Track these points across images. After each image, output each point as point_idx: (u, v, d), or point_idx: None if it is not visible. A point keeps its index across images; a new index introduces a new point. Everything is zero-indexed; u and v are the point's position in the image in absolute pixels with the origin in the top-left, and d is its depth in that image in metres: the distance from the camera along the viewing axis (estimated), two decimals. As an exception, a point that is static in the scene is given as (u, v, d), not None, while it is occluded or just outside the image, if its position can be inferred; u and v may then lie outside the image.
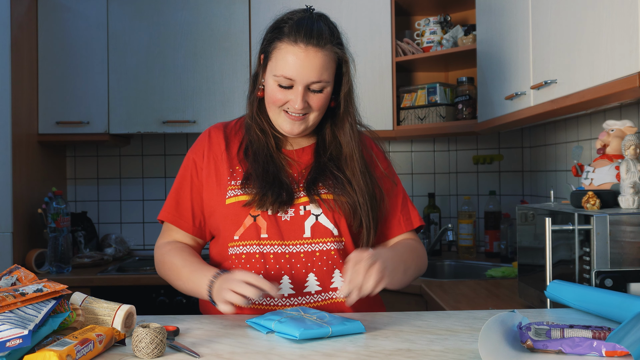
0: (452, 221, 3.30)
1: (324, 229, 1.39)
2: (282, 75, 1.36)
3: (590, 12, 1.56)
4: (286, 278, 1.36)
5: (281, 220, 1.39)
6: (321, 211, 1.40)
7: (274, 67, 1.38)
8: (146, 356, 1.00)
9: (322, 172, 1.43)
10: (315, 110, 1.41)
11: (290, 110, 1.39)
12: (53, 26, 2.98)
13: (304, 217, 1.39)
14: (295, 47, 1.35)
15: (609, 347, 0.97)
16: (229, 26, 3.02)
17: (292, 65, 1.35)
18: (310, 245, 1.38)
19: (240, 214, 1.39)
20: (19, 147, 2.74)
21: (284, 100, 1.39)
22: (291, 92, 1.38)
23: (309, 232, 1.39)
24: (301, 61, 1.35)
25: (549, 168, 2.80)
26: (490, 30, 2.42)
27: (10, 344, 0.90)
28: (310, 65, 1.36)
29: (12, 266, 1.14)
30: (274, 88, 1.39)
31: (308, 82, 1.37)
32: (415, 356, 1.01)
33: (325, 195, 1.41)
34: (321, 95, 1.40)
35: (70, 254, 2.85)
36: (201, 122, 2.99)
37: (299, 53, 1.35)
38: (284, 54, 1.37)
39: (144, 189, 3.38)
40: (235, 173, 1.43)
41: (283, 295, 1.36)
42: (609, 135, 1.69)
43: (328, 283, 1.38)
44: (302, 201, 1.41)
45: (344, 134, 1.46)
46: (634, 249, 1.36)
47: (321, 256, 1.38)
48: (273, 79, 1.39)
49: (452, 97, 3.03)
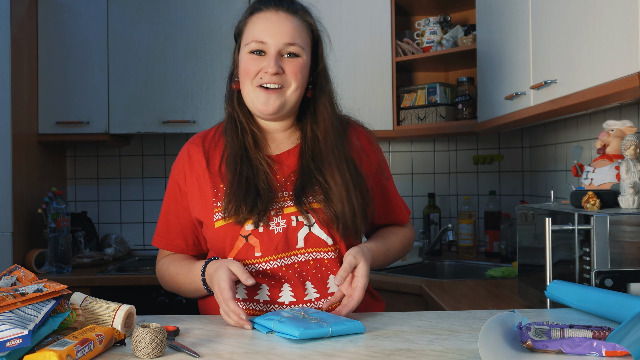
0: (452, 221, 3.30)
1: (317, 239, 1.35)
2: (253, 40, 1.33)
3: (591, 12, 1.56)
4: (287, 286, 1.34)
5: (274, 234, 1.33)
6: (314, 221, 1.35)
7: (246, 39, 1.35)
8: (146, 356, 1.00)
9: (308, 177, 1.37)
10: (291, 79, 1.33)
11: (264, 80, 1.32)
12: (53, 26, 2.98)
13: (297, 229, 1.35)
14: (265, 12, 1.34)
15: (609, 347, 0.97)
16: (229, 26, 2.99)
17: (262, 27, 1.32)
18: (304, 255, 1.35)
19: (231, 236, 1.34)
20: (19, 147, 2.74)
21: (257, 68, 1.32)
22: (264, 58, 1.33)
23: (302, 243, 1.35)
24: (272, 23, 1.32)
25: (549, 168, 2.80)
26: (490, 30, 2.42)
27: (10, 344, 0.90)
28: (281, 27, 1.32)
29: (12, 266, 1.14)
30: (246, 59, 1.34)
31: (280, 45, 1.32)
32: (415, 356, 1.01)
33: (316, 204, 1.35)
34: (296, 62, 1.34)
35: (70, 254, 2.85)
36: (201, 122, 2.99)
37: (270, 16, 1.33)
38: (254, 23, 1.35)
39: (144, 189, 3.39)
40: (220, 192, 1.37)
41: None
42: (609, 135, 1.68)
43: (324, 289, 1.35)
44: (292, 211, 1.35)
45: (321, 121, 1.39)
46: (634, 249, 1.36)
47: (314, 264, 1.35)
48: (245, 50, 1.34)
49: (452, 97, 3.03)
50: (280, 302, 1.33)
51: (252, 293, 1.35)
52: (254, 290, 1.34)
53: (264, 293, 1.34)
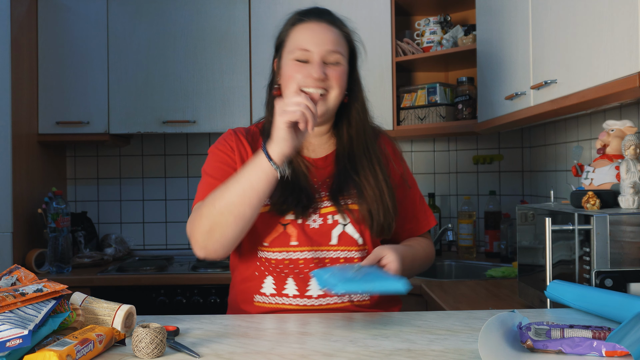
0: (452, 221, 3.30)
1: (349, 238, 1.43)
2: (298, 48, 1.39)
3: (590, 12, 1.56)
4: (314, 280, 1.39)
5: (309, 228, 1.41)
6: (349, 221, 1.43)
7: (289, 48, 1.41)
8: (146, 356, 1.00)
9: (344, 178, 1.45)
10: (334, 84, 1.40)
11: (308, 84, 1.37)
12: (53, 26, 2.98)
13: (332, 226, 1.42)
14: (307, 23, 1.41)
15: (609, 347, 0.97)
16: (229, 26, 3.02)
17: (306, 37, 1.39)
18: (336, 252, 1.42)
19: (270, 222, 1.40)
20: (19, 147, 2.74)
21: (302, 74, 1.38)
22: (308, 65, 1.39)
23: (335, 240, 1.42)
24: (315, 32, 1.40)
25: (549, 168, 2.81)
26: (490, 30, 2.42)
27: (10, 344, 0.90)
28: (324, 36, 1.40)
29: (12, 266, 1.14)
30: (290, 66, 1.39)
31: (324, 52, 1.39)
32: (415, 356, 1.01)
33: (352, 204, 1.43)
34: (338, 69, 1.41)
35: (70, 254, 2.85)
36: (201, 122, 2.99)
37: (313, 26, 1.41)
38: (297, 33, 1.41)
39: (144, 189, 3.39)
40: None
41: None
42: (609, 135, 1.68)
43: None
44: (329, 210, 1.43)
45: (354, 125, 1.48)
46: (634, 249, 1.36)
47: (345, 263, 1.42)
48: (289, 58, 1.40)
49: (452, 97, 3.03)
50: (307, 296, 1.39)
51: (280, 287, 1.40)
52: (282, 284, 1.40)
53: (291, 287, 1.40)
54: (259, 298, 1.43)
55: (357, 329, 1.20)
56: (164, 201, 3.38)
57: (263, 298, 1.42)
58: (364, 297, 1.44)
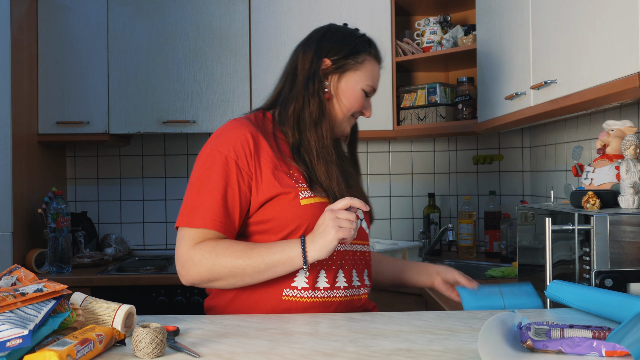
0: (452, 221, 3.30)
1: (363, 232, 1.55)
2: (371, 86, 1.58)
3: (590, 12, 1.56)
4: (341, 273, 1.46)
5: None
6: (362, 216, 1.54)
7: (364, 78, 1.56)
8: (146, 356, 1.00)
9: (345, 168, 1.59)
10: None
11: (356, 115, 1.59)
12: (53, 26, 2.98)
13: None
14: (378, 64, 1.63)
15: (609, 347, 0.97)
16: (229, 26, 3.02)
17: (376, 77, 1.60)
18: (355, 245, 1.51)
19: (318, 215, 1.40)
20: (19, 147, 2.74)
21: (362, 105, 1.57)
22: (367, 100, 1.60)
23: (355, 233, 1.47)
24: (379, 76, 1.63)
25: (549, 168, 2.81)
26: (490, 30, 2.42)
27: (10, 344, 0.90)
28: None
29: (12, 266, 1.14)
30: (359, 95, 1.56)
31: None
32: (415, 356, 1.01)
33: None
34: None
35: (70, 254, 2.85)
36: (201, 122, 2.99)
37: (379, 70, 1.63)
38: (372, 68, 1.59)
39: (144, 189, 3.39)
40: (296, 173, 1.45)
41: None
42: (609, 135, 1.68)
43: (362, 279, 1.52)
44: None
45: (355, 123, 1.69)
46: (634, 249, 1.36)
47: (360, 256, 1.52)
48: (362, 86, 1.56)
49: (452, 97, 3.03)
50: (337, 287, 1.44)
51: (312, 281, 1.42)
52: (314, 277, 1.42)
53: (322, 280, 1.43)
54: (289, 292, 1.41)
55: (357, 329, 1.20)
56: (164, 201, 3.38)
57: (294, 292, 1.41)
58: (367, 292, 1.54)
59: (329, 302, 1.43)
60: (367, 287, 1.54)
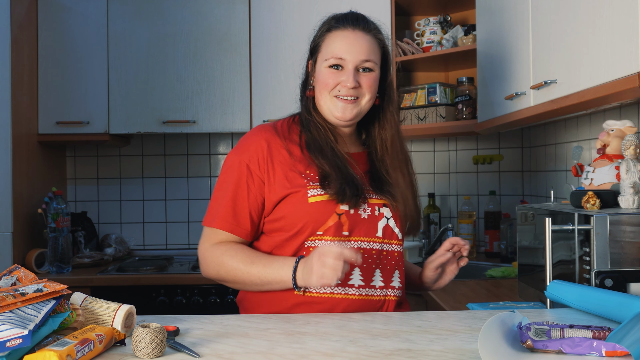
0: (452, 221, 3.30)
1: (391, 231, 1.48)
2: (333, 56, 1.44)
3: (590, 12, 1.56)
4: (357, 270, 1.43)
5: (360, 218, 1.44)
6: (391, 215, 1.49)
7: (325, 54, 1.46)
8: (146, 356, 1.00)
9: (379, 177, 1.51)
10: (366, 91, 1.46)
11: (341, 93, 1.45)
12: (53, 26, 2.98)
13: (378, 218, 1.47)
14: (343, 30, 1.46)
15: (609, 347, 0.97)
16: (229, 26, 3.02)
17: (341, 45, 1.44)
18: (382, 244, 1.46)
19: (326, 211, 1.41)
20: (19, 147, 2.74)
21: (336, 82, 1.44)
22: (342, 72, 1.45)
23: (380, 232, 1.46)
24: (350, 40, 1.44)
25: (549, 168, 2.80)
26: (490, 30, 2.42)
27: (10, 344, 0.90)
28: (358, 45, 1.45)
29: (12, 266, 1.14)
30: (325, 72, 1.46)
31: (358, 61, 1.44)
32: (415, 356, 1.01)
33: (390, 202, 1.50)
34: (371, 76, 1.47)
35: (70, 254, 2.85)
36: (201, 122, 3.00)
37: (348, 34, 1.45)
38: (333, 39, 1.46)
39: (144, 189, 3.39)
40: (308, 175, 1.45)
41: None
42: (609, 135, 1.68)
43: (389, 281, 1.47)
44: (376, 202, 1.48)
45: (388, 127, 1.54)
46: (634, 249, 1.36)
47: (387, 255, 1.47)
48: (324, 64, 1.46)
49: (452, 97, 3.03)
50: (350, 285, 1.41)
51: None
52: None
53: None
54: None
55: (357, 329, 1.20)
56: (164, 201, 3.38)
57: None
58: (398, 294, 1.48)
59: (338, 300, 1.40)
60: (394, 289, 1.47)
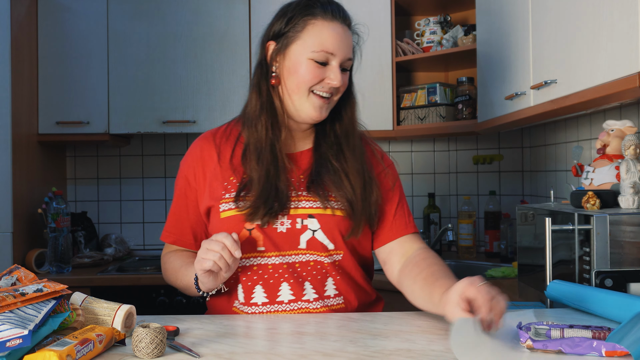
0: (452, 221, 3.30)
1: (319, 244, 1.36)
2: (323, 50, 1.33)
3: (590, 12, 1.56)
4: (285, 285, 1.35)
5: (276, 232, 1.35)
6: (319, 227, 1.36)
7: (311, 44, 1.33)
8: (146, 356, 1.00)
9: (325, 171, 1.39)
10: (341, 90, 1.39)
11: (323, 90, 1.35)
12: (53, 26, 2.98)
13: (301, 231, 1.36)
14: (333, 22, 1.35)
15: (609, 347, 0.97)
16: (228, 26, 3.02)
17: (333, 39, 1.34)
18: (305, 255, 1.37)
19: (236, 228, 1.34)
20: (19, 147, 2.74)
21: (320, 77, 1.34)
22: (327, 68, 1.35)
23: (304, 244, 1.36)
24: (341, 36, 1.35)
25: (549, 168, 2.80)
26: (490, 30, 2.42)
27: (10, 344, 0.90)
28: (347, 42, 1.37)
29: (12, 266, 1.14)
30: (308, 65, 1.34)
31: (344, 58, 1.36)
32: (415, 356, 1.01)
33: (331, 197, 1.37)
34: (347, 75, 1.40)
35: (70, 254, 2.85)
36: (201, 122, 2.99)
37: (338, 29, 1.36)
38: (321, 29, 1.34)
39: (144, 189, 3.39)
40: (230, 184, 1.39)
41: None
42: (609, 135, 1.68)
43: (322, 291, 1.37)
44: (299, 213, 1.36)
45: (347, 121, 1.44)
46: (634, 249, 1.36)
47: (315, 266, 1.37)
48: (309, 56, 1.33)
49: (452, 97, 3.03)
50: (279, 302, 1.35)
51: (247, 297, 1.36)
52: (249, 293, 1.36)
53: (259, 295, 1.36)
54: (236, 304, 1.38)
55: (357, 329, 1.20)
56: (164, 201, 3.38)
57: (237, 304, 1.38)
58: (338, 302, 1.38)
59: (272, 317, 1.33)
60: (332, 298, 1.37)
